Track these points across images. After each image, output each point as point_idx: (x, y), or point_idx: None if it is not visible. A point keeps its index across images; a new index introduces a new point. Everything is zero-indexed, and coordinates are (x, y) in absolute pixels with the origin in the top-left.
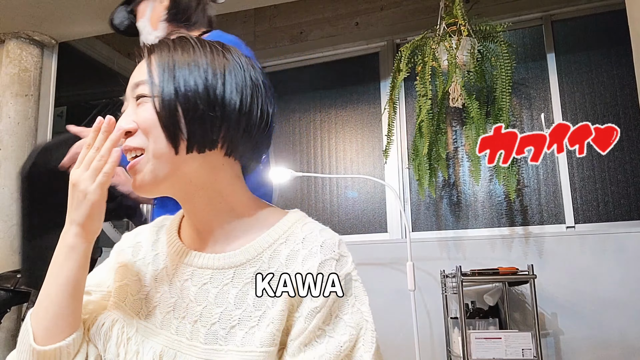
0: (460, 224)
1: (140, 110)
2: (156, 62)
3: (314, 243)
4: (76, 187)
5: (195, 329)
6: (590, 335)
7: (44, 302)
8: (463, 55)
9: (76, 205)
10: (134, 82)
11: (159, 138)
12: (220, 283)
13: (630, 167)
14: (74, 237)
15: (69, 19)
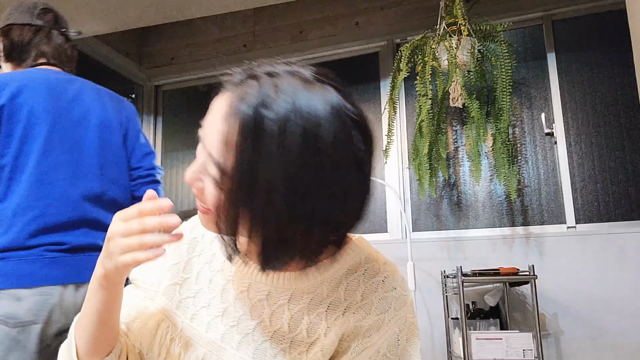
0: (461, 224)
1: (210, 190)
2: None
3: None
4: (109, 242)
5: (245, 341)
6: (591, 336)
7: (83, 320)
8: (463, 55)
9: (106, 255)
10: (207, 147)
11: (224, 222)
12: (276, 302)
13: (631, 167)
14: (102, 278)
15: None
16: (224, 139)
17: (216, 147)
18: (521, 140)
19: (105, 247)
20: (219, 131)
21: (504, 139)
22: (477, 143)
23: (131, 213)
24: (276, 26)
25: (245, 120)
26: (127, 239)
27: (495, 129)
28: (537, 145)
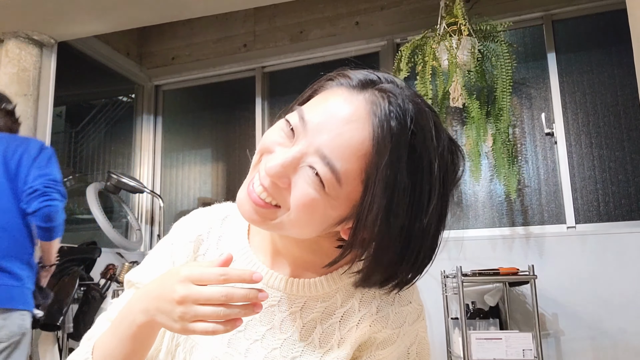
0: (461, 224)
1: (305, 190)
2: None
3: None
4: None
5: (254, 348)
6: (591, 336)
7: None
8: (463, 54)
9: (164, 312)
10: (320, 148)
11: (302, 225)
12: (288, 308)
13: (631, 167)
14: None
15: (68, 19)
16: (356, 146)
17: (338, 150)
18: (521, 140)
19: (165, 304)
20: (349, 137)
21: (504, 139)
22: (477, 143)
23: (209, 276)
24: (276, 26)
25: (398, 137)
26: (206, 308)
27: (496, 129)
28: (537, 145)
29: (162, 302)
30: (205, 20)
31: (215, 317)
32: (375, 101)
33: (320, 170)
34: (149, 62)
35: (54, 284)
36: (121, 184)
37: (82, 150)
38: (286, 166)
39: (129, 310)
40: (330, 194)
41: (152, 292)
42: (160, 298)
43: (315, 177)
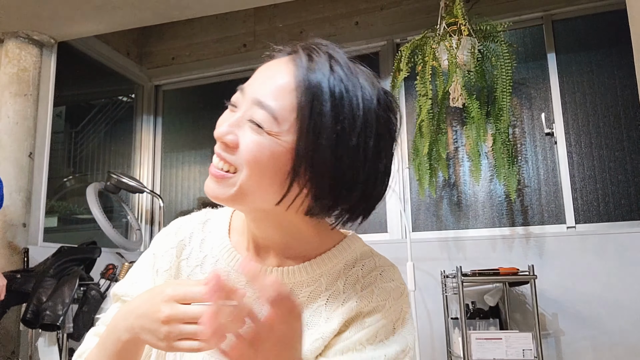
0: (461, 224)
1: (250, 134)
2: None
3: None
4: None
5: None
6: (591, 336)
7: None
8: (463, 55)
9: (149, 331)
10: (256, 97)
11: (257, 178)
12: None
13: (631, 167)
14: (130, 344)
15: (68, 19)
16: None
17: (269, 91)
18: (521, 140)
19: (150, 323)
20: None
21: (504, 139)
22: (477, 143)
23: (194, 294)
24: (276, 26)
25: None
26: (192, 326)
27: (495, 129)
28: (537, 146)
29: (147, 321)
30: (205, 20)
31: (202, 335)
32: (297, 51)
33: (258, 115)
34: (149, 62)
35: (54, 283)
36: (121, 184)
37: (82, 150)
38: (231, 124)
39: (114, 327)
40: (272, 133)
41: (136, 310)
42: (145, 317)
43: (256, 125)
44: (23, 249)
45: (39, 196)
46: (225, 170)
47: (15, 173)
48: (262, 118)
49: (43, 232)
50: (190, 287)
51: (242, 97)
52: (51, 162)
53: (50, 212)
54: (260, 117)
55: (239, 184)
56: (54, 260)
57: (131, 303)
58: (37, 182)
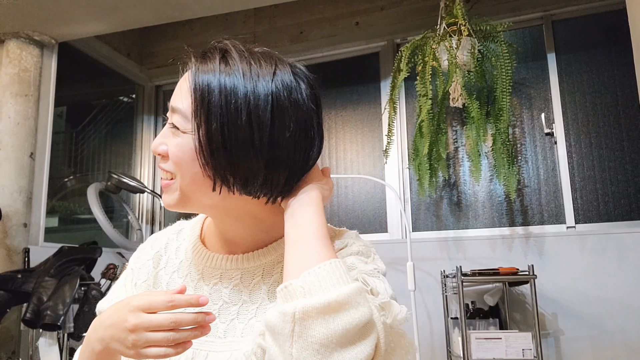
0: (461, 224)
1: (173, 142)
2: (192, 92)
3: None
4: (131, 333)
5: (231, 326)
6: (591, 336)
7: None
8: (463, 55)
9: (118, 340)
10: (172, 105)
11: (188, 177)
12: (251, 282)
13: (631, 167)
14: (103, 354)
15: (69, 19)
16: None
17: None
18: (521, 140)
19: (119, 332)
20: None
21: (503, 139)
22: (477, 143)
23: (158, 304)
24: (276, 26)
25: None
26: (156, 334)
27: (495, 129)
28: (537, 146)
29: (116, 331)
30: (205, 20)
31: (166, 342)
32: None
33: (174, 119)
34: (150, 63)
35: (55, 283)
36: (122, 184)
37: (83, 150)
38: (161, 136)
39: (88, 340)
40: (187, 131)
41: (106, 322)
42: (113, 327)
43: (174, 127)
44: (24, 248)
45: (39, 196)
46: (168, 179)
47: (16, 173)
48: (177, 120)
49: (44, 232)
50: (155, 296)
51: (169, 112)
52: (52, 162)
53: (51, 212)
54: (176, 120)
55: (179, 187)
56: (54, 260)
57: (102, 315)
58: (38, 182)
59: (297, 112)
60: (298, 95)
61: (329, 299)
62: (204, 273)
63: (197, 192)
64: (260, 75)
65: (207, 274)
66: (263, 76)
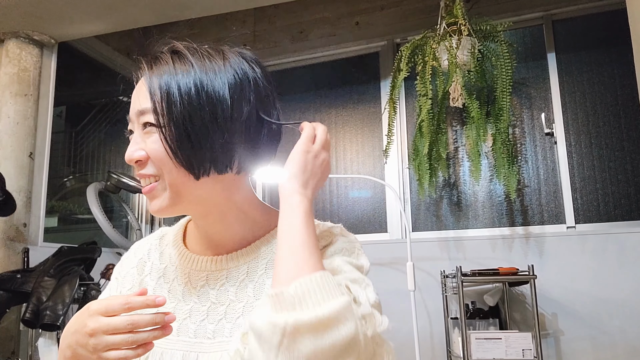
0: (461, 224)
1: (150, 141)
2: (158, 87)
3: (319, 229)
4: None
5: (220, 327)
6: (591, 336)
7: None
8: (463, 54)
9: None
10: (138, 109)
11: (173, 169)
12: (237, 280)
13: (631, 167)
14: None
15: (69, 19)
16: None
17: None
18: (521, 140)
19: (81, 337)
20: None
21: (503, 139)
22: (477, 143)
23: (115, 306)
24: (276, 26)
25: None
26: (115, 337)
27: (495, 129)
28: (537, 145)
29: (79, 336)
30: (205, 20)
31: (125, 344)
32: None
33: (145, 119)
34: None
35: (54, 283)
36: (121, 184)
37: (82, 150)
38: (133, 144)
39: (60, 347)
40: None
41: (71, 328)
42: (76, 333)
43: (146, 127)
44: (23, 248)
45: (39, 196)
46: (153, 182)
47: (15, 173)
48: (148, 119)
49: (43, 232)
50: (112, 300)
51: (131, 123)
52: (51, 162)
53: (50, 212)
54: (149, 119)
55: (167, 185)
56: (54, 260)
57: (69, 322)
58: (38, 182)
59: (255, 88)
60: (250, 72)
61: (320, 315)
62: (190, 276)
63: (185, 184)
64: (213, 61)
65: (194, 276)
66: (216, 62)
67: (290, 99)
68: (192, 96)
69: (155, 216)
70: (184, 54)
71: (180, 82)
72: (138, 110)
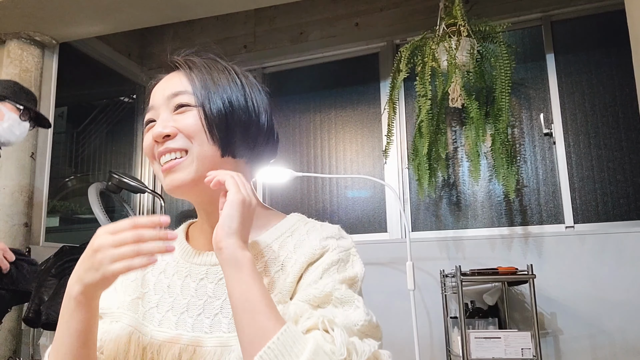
0: (460, 223)
1: (182, 117)
2: (197, 76)
3: (316, 230)
4: (96, 253)
5: (216, 321)
6: (590, 335)
7: (60, 350)
8: (463, 55)
9: (88, 267)
10: (172, 92)
11: (205, 142)
12: None
13: (630, 167)
14: (80, 295)
15: (70, 20)
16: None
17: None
18: (520, 140)
19: (88, 260)
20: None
21: (502, 139)
22: (476, 143)
23: (122, 226)
24: (276, 27)
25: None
26: (120, 248)
27: (494, 129)
28: (536, 146)
29: (85, 259)
30: (205, 21)
31: (130, 254)
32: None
33: (180, 100)
34: (150, 63)
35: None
36: (122, 184)
37: (84, 150)
38: (162, 120)
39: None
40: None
41: (79, 264)
42: (83, 259)
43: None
44: (25, 248)
45: (40, 196)
46: (179, 157)
47: (17, 173)
48: (185, 99)
49: (45, 232)
50: (124, 221)
51: (155, 110)
52: (53, 162)
53: (52, 212)
54: (184, 99)
55: (196, 157)
56: (55, 260)
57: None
58: (39, 182)
59: (261, 94)
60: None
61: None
62: (190, 271)
63: (211, 158)
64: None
65: (194, 270)
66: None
67: (290, 100)
68: (231, 88)
69: (171, 194)
70: (215, 58)
71: (215, 75)
72: (172, 92)
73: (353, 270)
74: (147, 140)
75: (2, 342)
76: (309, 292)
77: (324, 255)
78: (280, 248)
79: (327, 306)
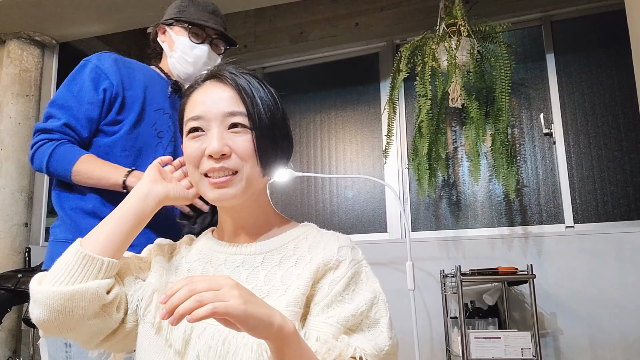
0: (460, 223)
1: (237, 138)
2: (248, 97)
3: (331, 237)
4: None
5: None
6: (589, 335)
7: (107, 225)
8: (463, 55)
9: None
10: (228, 111)
11: (254, 165)
12: (251, 266)
13: (630, 167)
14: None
15: (70, 20)
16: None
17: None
18: (520, 140)
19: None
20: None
21: (502, 139)
22: (476, 143)
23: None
24: (277, 27)
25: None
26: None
27: (494, 129)
28: (536, 146)
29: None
30: None
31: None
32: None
33: (235, 119)
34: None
35: None
36: None
37: None
38: (219, 138)
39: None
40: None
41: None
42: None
43: (236, 127)
44: (25, 248)
45: (40, 196)
46: (229, 174)
47: (17, 173)
48: (240, 120)
49: (45, 232)
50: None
51: (204, 122)
52: None
53: (52, 212)
54: (239, 120)
55: (245, 178)
56: None
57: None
58: (39, 182)
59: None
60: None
61: None
62: (212, 257)
63: (256, 179)
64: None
65: (215, 257)
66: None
67: (290, 100)
68: (272, 109)
69: (217, 204)
70: (253, 74)
71: (263, 97)
72: (228, 112)
73: (373, 286)
74: (196, 150)
75: (2, 342)
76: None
77: (340, 267)
78: (296, 248)
79: (358, 329)
